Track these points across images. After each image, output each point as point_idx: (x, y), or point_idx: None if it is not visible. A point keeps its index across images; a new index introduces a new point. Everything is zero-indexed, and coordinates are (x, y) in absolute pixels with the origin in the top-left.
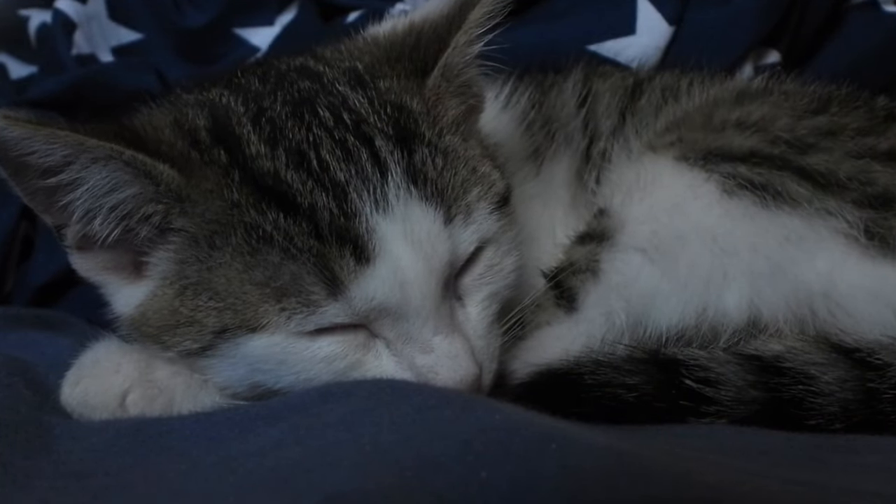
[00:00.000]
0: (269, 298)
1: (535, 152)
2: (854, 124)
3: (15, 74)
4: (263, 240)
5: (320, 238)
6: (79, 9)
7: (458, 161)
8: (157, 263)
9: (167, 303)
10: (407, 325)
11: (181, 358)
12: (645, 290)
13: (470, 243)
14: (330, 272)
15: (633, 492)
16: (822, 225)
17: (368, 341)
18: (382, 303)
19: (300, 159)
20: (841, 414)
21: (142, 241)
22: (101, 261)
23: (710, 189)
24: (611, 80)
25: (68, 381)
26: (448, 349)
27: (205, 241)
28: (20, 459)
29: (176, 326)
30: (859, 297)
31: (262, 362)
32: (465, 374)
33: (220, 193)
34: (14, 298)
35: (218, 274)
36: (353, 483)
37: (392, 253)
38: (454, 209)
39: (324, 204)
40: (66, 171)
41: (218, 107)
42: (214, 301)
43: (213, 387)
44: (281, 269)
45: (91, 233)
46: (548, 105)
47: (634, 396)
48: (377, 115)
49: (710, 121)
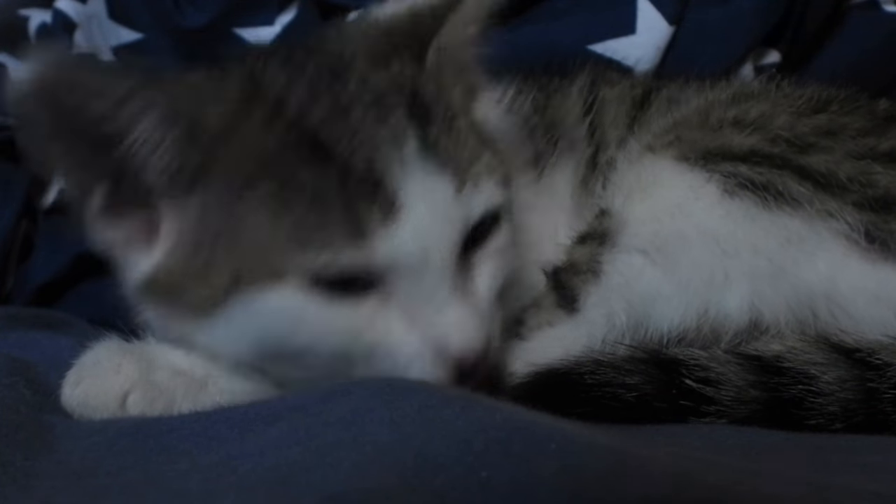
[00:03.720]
0: (294, 246)
1: (537, 158)
2: (855, 124)
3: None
4: (298, 187)
5: (351, 189)
6: (79, 9)
7: (463, 137)
8: (175, 221)
9: (182, 259)
10: (422, 288)
11: (189, 322)
12: (646, 291)
13: (479, 213)
14: (357, 221)
15: (633, 492)
16: (823, 227)
17: (382, 307)
18: (403, 259)
19: (335, 117)
20: (841, 414)
21: (166, 193)
22: (120, 229)
23: (712, 189)
24: (618, 88)
25: (69, 381)
26: (461, 315)
27: (237, 187)
28: (20, 459)
29: (189, 281)
30: (861, 299)
31: (276, 321)
32: (477, 340)
33: (263, 138)
34: (14, 298)
35: (245, 221)
36: (353, 483)
37: (414, 213)
38: (464, 179)
39: (357, 158)
40: (118, 118)
41: (258, 66)
42: (235, 250)
43: (214, 388)
44: (310, 217)
45: (120, 192)
46: (552, 110)
47: (635, 396)
48: (392, 93)
49: (707, 120)
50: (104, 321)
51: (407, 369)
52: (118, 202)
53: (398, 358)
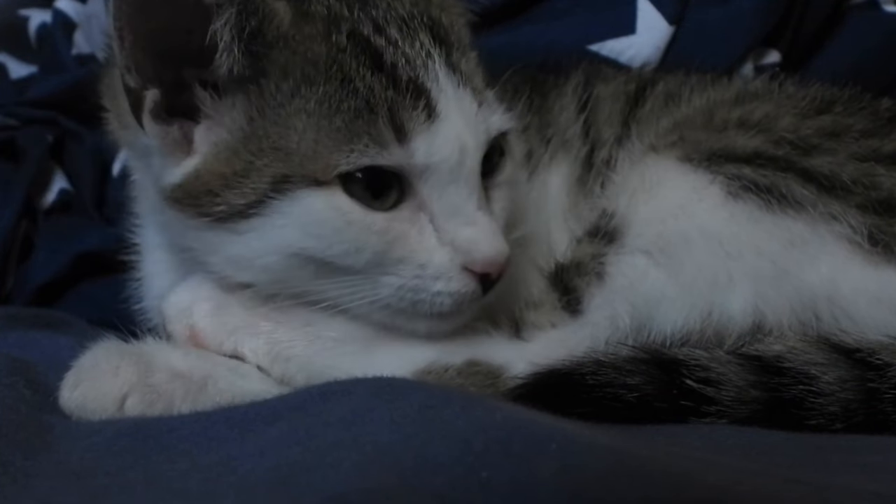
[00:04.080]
0: (343, 145)
1: (528, 156)
2: (858, 125)
3: (15, 74)
4: (351, 88)
5: (396, 95)
6: (79, 9)
7: (475, 66)
8: (218, 126)
9: (221, 163)
10: (455, 194)
11: (217, 232)
12: (650, 293)
13: (495, 130)
14: (401, 124)
15: (633, 492)
16: (826, 229)
17: (416, 218)
18: (440, 160)
19: (380, 29)
20: (841, 414)
21: (219, 94)
22: (158, 136)
23: (715, 191)
24: (613, 85)
25: (67, 383)
26: (489, 224)
27: (291, 89)
28: (20, 459)
29: (225, 187)
30: (863, 301)
31: (316, 225)
32: (503, 249)
33: (326, 39)
34: (14, 298)
35: (294, 122)
36: (353, 483)
37: (451, 118)
38: (482, 98)
39: (402, 65)
40: (201, 5)
41: None
42: (279, 152)
43: (213, 389)
44: (360, 118)
45: (169, 101)
46: (546, 108)
47: (636, 396)
48: (417, 20)
49: (711, 120)
50: (103, 321)
51: (436, 279)
52: (164, 110)
53: (428, 267)
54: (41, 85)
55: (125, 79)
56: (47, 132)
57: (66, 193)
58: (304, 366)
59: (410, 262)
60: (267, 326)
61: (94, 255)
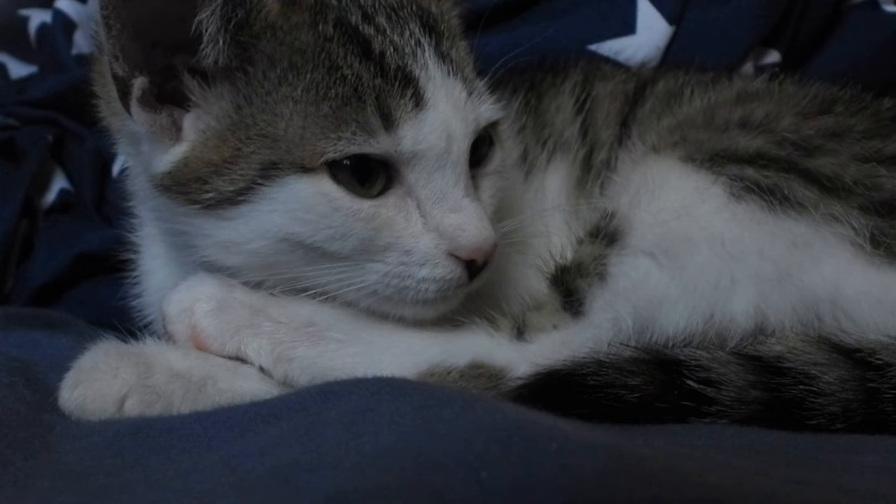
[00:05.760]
0: (330, 132)
1: (524, 157)
2: (860, 126)
3: (15, 74)
4: (339, 76)
5: (386, 79)
6: (79, 9)
7: (465, 56)
8: (206, 114)
9: (210, 150)
10: (442, 181)
11: (206, 218)
12: (653, 294)
13: (484, 120)
14: (389, 111)
15: (633, 492)
16: (828, 231)
17: (402, 205)
18: (428, 148)
19: (369, 18)
20: (842, 414)
21: (207, 82)
22: (146, 123)
23: (718, 192)
24: (612, 84)
25: (66, 384)
26: (475, 211)
27: (279, 76)
28: (20, 459)
29: (213, 173)
30: (865, 303)
31: (304, 210)
32: (489, 235)
33: (313, 27)
34: (14, 298)
35: (282, 108)
36: (353, 483)
37: (439, 107)
38: (471, 87)
39: (391, 53)
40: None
41: None
42: (267, 138)
43: (212, 389)
44: (348, 105)
45: (157, 88)
46: (543, 109)
47: (636, 397)
48: (407, 8)
49: (713, 120)
50: (103, 321)
51: (421, 265)
52: (153, 97)
53: (413, 254)
54: (41, 85)
55: (113, 67)
56: (47, 132)
57: (66, 193)
58: (307, 367)
59: (396, 248)
60: (269, 327)
61: (94, 256)
